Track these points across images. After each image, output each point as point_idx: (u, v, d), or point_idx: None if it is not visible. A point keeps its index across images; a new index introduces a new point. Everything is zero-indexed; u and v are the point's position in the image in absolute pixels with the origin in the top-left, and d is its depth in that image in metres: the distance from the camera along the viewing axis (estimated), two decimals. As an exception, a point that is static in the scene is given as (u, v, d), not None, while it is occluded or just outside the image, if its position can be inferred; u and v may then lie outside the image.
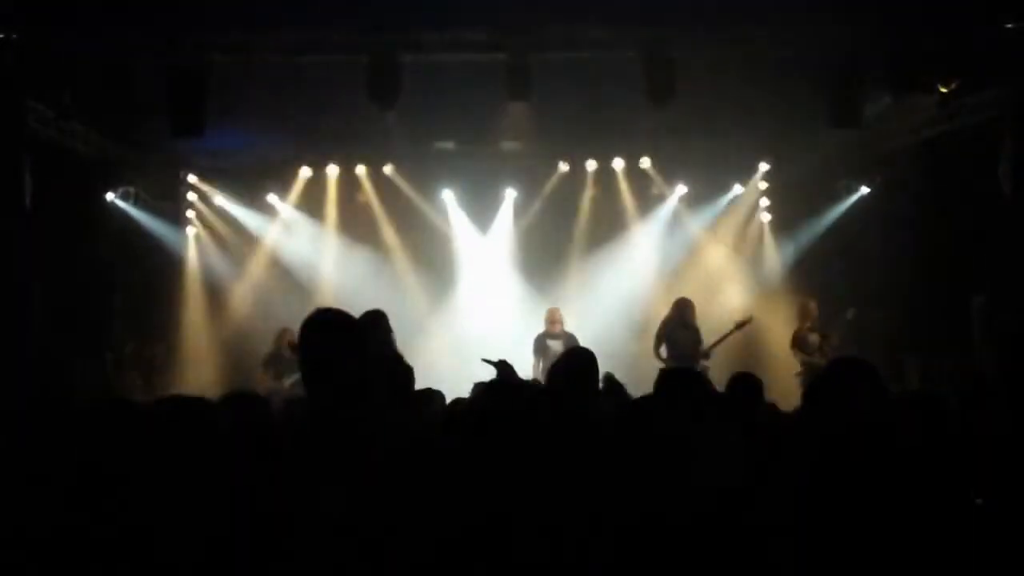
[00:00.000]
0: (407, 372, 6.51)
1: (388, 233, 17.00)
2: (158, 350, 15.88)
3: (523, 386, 4.45)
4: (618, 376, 6.60)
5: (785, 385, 12.88)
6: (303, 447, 3.83)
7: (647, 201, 17.19)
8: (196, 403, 4.73)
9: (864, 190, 16.33)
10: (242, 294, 16.74)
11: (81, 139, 14.00)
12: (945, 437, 4.98)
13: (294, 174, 16.81)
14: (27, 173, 12.19)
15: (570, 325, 14.64)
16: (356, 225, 16.99)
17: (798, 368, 14.21)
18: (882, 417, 4.14)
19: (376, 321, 8.03)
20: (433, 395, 7.52)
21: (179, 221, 16.77)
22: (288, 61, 12.49)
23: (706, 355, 13.94)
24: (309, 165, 16.73)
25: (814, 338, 14.36)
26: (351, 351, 3.93)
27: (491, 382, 4.79)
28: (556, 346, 14.07)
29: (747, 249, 17.17)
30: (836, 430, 4.15)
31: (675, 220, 17.22)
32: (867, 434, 4.07)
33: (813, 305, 14.67)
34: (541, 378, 12.77)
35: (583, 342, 13.95)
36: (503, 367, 6.57)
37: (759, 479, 4.20)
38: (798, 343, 14.47)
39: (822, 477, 4.04)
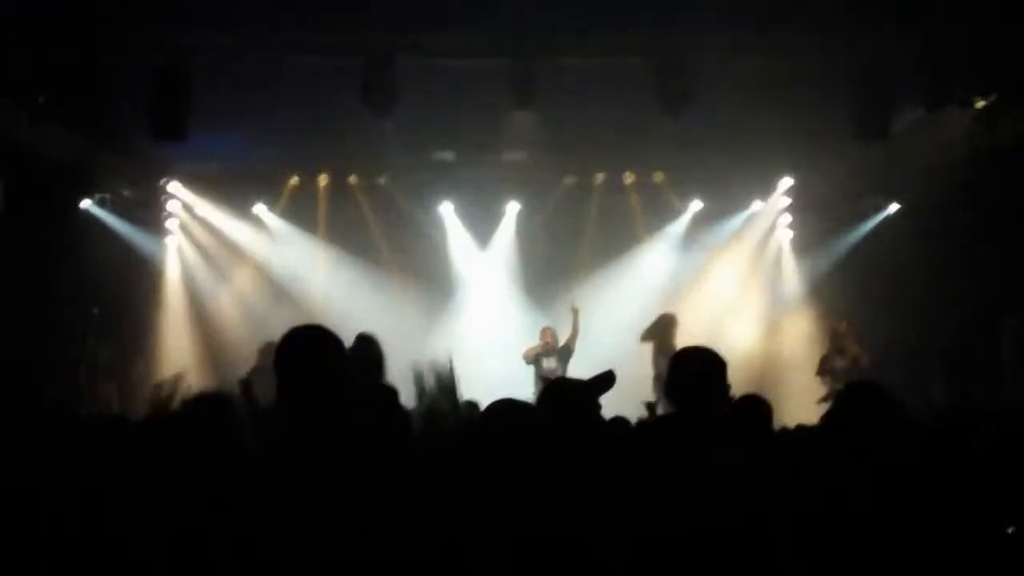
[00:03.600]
0: (392, 393, 6.41)
1: (382, 246, 16.94)
2: (136, 362, 15.82)
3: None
4: (623, 399, 6.45)
5: (807, 411, 12.77)
6: (276, 469, 3.83)
7: (659, 217, 17.14)
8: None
9: (892, 208, 16.25)
10: (225, 307, 16.67)
11: (56, 142, 13.80)
12: (968, 463, 4.90)
13: (283, 183, 16.77)
14: (-3, 177, 12.14)
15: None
16: (348, 237, 16.91)
17: (821, 393, 14.05)
18: (895, 444, 4.21)
19: (366, 348, 7.90)
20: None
21: (159, 230, 16.71)
22: (277, 63, 12.40)
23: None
24: (299, 174, 16.69)
25: (841, 363, 14.25)
26: (330, 368, 3.99)
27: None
28: (550, 363, 14.26)
29: (765, 269, 17.03)
30: (847, 457, 4.25)
31: (689, 237, 17.18)
32: (878, 461, 4.15)
33: (843, 327, 14.60)
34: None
35: (584, 362, 13.99)
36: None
37: (768, 503, 4.19)
38: (824, 368, 14.38)
39: (831, 504, 4.13)
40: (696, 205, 17.02)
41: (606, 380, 5.08)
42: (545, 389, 5.23)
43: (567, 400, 4.98)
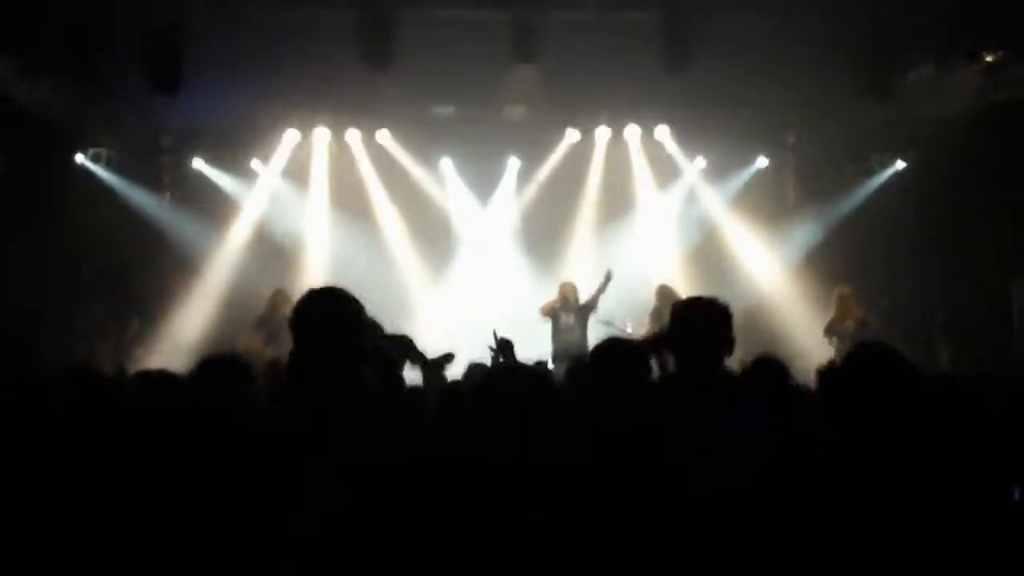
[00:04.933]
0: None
1: (381, 202, 16.91)
2: (131, 321, 15.78)
3: (525, 374, 4.43)
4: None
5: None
6: (290, 436, 3.88)
7: (663, 173, 17.10)
8: (166, 379, 4.92)
9: (899, 165, 16.26)
10: (222, 264, 16.56)
11: (48, 95, 13.77)
12: (975, 426, 5.02)
13: (279, 137, 16.69)
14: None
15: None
16: (346, 193, 16.86)
17: (828, 354, 14.08)
18: (905, 406, 4.17)
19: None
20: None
21: (154, 185, 16.62)
22: (274, 15, 12.37)
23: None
24: (296, 128, 16.60)
25: (848, 325, 14.28)
26: (347, 331, 4.04)
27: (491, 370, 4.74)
28: (568, 319, 14.29)
29: (771, 226, 17.04)
30: (857, 420, 4.21)
31: (693, 194, 17.17)
32: (888, 423, 4.12)
33: (848, 292, 14.60)
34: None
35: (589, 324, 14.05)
36: (505, 347, 6.56)
37: (784, 463, 4.25)
38: (831, 330, 14.43)
39: (842, 466, 4.10)
40: (700, 162, 17.00)
41: (660, 340, 5.13)
42: (599, 350, 5.22)
43: (621, 363, 5.04)
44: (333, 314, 4.05)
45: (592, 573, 3.80)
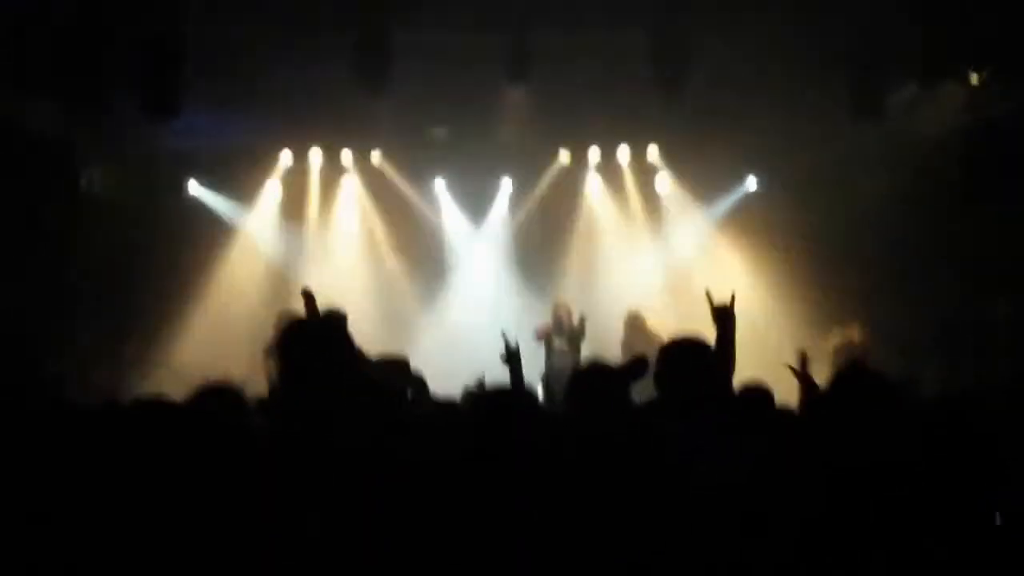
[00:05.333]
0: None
1: (375, 224, 17.08)
2: (128, 343, 15.93)
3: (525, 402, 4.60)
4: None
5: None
6: (282, 461, 3.93)
7: (653, 194, 17.29)
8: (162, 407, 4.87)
9: (885, 184, 16.41)
10: (220, 288, 16.70)
11: (43, 117, 13.94)
12: (959, 449, 4.92)
13: (275, 160, 16.87)
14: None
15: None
16: (341, 215, 17.08)
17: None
18: (889, 432, 4.26)
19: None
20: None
21: (151, 207, 16.71)
22: (269, 37, 12.52)
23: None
24: (291, 150, 16.79)
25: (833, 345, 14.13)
26: (332, 355, 4.06)
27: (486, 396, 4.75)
28: (561, 342, 14.15)
29: (759, 245, 17.17)
30: (842, 446, 4.28)
31: (684, 214, 17.32)
32: (873, 449, 4.19)
33: (845, 335, 14.43)
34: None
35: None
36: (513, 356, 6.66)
37: (770, 485, 4.34)
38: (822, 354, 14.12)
39: (827, 491, 4.17)
40: (690, 181, 17.16)
41: (639, 368, 5.24)
42: (577, 377, 5.32)
43: (601, 390, 5.12)
44: (319, 339, 4.09)
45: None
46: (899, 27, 12.53)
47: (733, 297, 5.76)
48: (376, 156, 16.79)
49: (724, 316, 5.55)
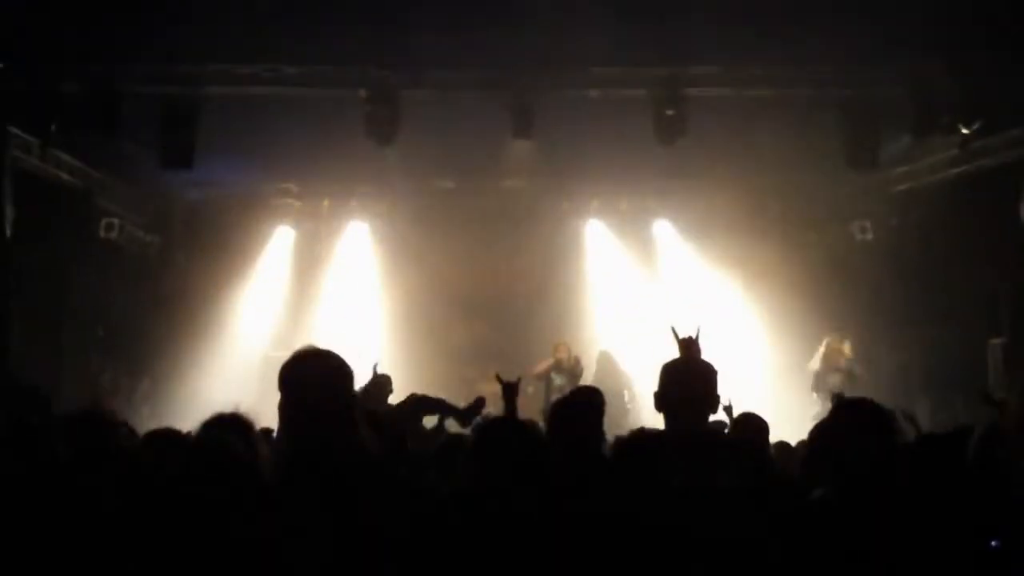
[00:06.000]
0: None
1: (382, 267, 17.45)
2: (142, 381, 16.24)
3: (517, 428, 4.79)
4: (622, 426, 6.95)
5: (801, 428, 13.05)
6: (283, 494, 3.95)
7: (649, 241, 17.68)
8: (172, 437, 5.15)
9: (879, 230, 16.81)
10: (234, 326, 17.05)
11: (66, 169, 14.42)
12: (953, 482, 5.09)
13: (284, 206, 17.30)
14: (8, 201, 12.67)
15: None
16: (349, 261, 17.47)
17: (815, 410, 13.96)
18: (886, 462, 4.27)
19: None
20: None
21: (165, 252, 17.19)
22: (282, 92, 12.91)
23: None
24: (301, 199, 17.22)
25: (835, 379, 14.45)
26: (330, 390, 4.01)
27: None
28: (558, 380, 14.53)
29: (756, 287, 17.23)
30: (839, 477, 4.30)
31: (679, 260, 17.62)
32: (870, 480, 4.21)
33: (836, 346, 14.78)
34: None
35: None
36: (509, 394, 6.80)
37: (770, 524, 4.33)
38: (818, 386, 14.57)
39: (827, 524, 4.21)
40: (687, 227, 17.46)
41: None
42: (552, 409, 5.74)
43: (574, 420, 5.46)
44: (320, 375, 4.01)
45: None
46: (893, 83, 13.02)
47: (698, 331, 5.73)
48: (384, 207, 17.26)
49: (689, 350, 5.64)
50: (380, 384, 9.55)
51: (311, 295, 17.40)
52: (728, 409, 7.19)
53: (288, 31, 11.81)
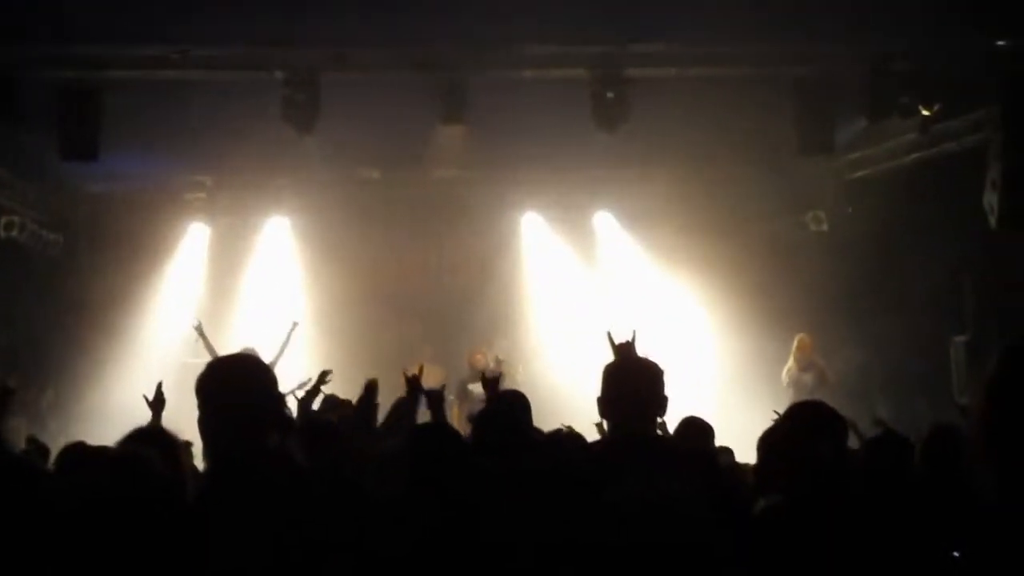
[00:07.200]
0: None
1: (306, 265, 17.01)
2: (44, 394, 15.72)
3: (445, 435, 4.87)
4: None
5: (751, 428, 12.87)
6: (209, 501, 3.87)
7: (590, 234, 17.43)
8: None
9: (835, 220, 16.46)
10: (143, 331, 16.54)
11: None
12: (911, 485, 5.22)
13: (199, 200, 16.79)
14: None
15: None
16: (268, 256, 17.06)
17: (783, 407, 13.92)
18: (838, 468, 4.22)
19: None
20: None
21: (70, 251, 16.56)
22: (196, 78, 12.41)
23: None
24: (215, 191, 16.73)
25: (807, 378, 14.21)
26: (247, 395, 3.92)
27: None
28: (477, 390, 13.97)
29: (709, 285, 17.02)
30: (794, 479, 4.27)
31: (621, 254, 17.37)
32: (825, 483, 4.16)
33: (806, 340, 14.53)
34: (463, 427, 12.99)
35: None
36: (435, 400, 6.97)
37: (720, 531, 4.27)
38: (793, 383, 14.28)
39: (780, 529, 4.16)
40: (631, 220, 17.20)
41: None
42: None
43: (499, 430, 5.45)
44: (239, 381, 3.95)
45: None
46: (848, 64, 12.60)
47: (635, 336, 5.66)
48: (307, 198, 16.75)
49: (626, 355, 5.43)
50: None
51: (229, 296, 16.88)
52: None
53: (198, 7, 11.09)
